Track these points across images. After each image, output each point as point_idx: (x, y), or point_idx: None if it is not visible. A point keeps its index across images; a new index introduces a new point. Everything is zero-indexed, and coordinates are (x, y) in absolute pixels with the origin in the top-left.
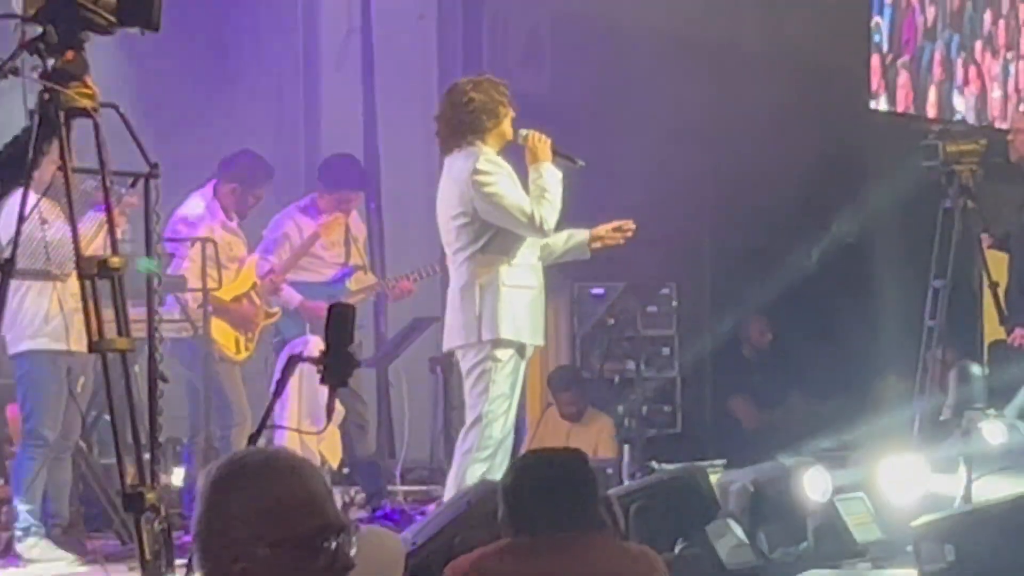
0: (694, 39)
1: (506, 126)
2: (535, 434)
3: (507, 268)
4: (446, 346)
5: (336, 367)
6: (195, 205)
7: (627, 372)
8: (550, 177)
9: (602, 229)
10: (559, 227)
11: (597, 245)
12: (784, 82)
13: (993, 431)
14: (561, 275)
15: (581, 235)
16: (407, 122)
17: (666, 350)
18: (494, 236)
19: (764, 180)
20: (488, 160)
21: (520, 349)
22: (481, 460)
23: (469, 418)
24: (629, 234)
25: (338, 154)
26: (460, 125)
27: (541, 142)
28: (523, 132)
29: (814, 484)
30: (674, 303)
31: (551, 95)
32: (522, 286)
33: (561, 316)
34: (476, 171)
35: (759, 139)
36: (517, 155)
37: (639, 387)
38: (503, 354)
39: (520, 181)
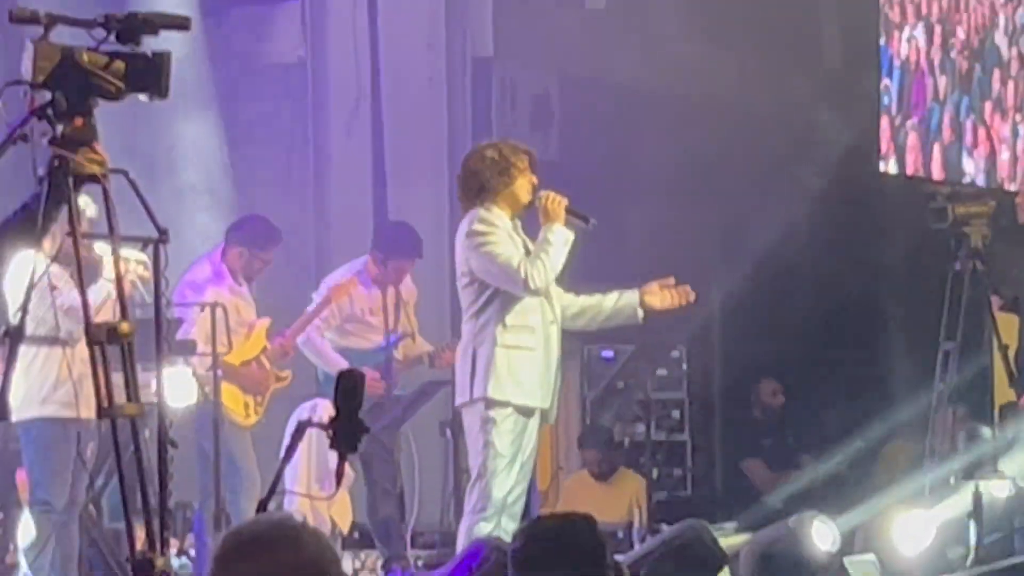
0: (702, 101)
1: (519, 189)
2: (560, 495)
3: (503, 329)
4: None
5: (346, 433)
6: (203, 270)
7: (637, 435)
8: (554, 237)
9: (654, 286)
10: (573, 288)
11: (656, 306)
12: (793, 144)
13: (1000, 488)
14: (571, 338)
15: (631, 296)
16: (417, 188)
17: (676, 413)
18: (492, 296)
19: (773, 243)
20: (483, 219)
21: (524, 411)
22: (486, 519)
23: (472, 476)
24: (691, 298)
25: (394, 222)
26: (470, 187)
27: (555, 203)
28: (541, 193)
29: (821, 536)
30: (684, 366)
31: (560, 159)
32: (518, 347)
33: (571, 379)
34: (470, 231)
35: (768, 201)
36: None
37: (649, 450)
38: (497, 413)
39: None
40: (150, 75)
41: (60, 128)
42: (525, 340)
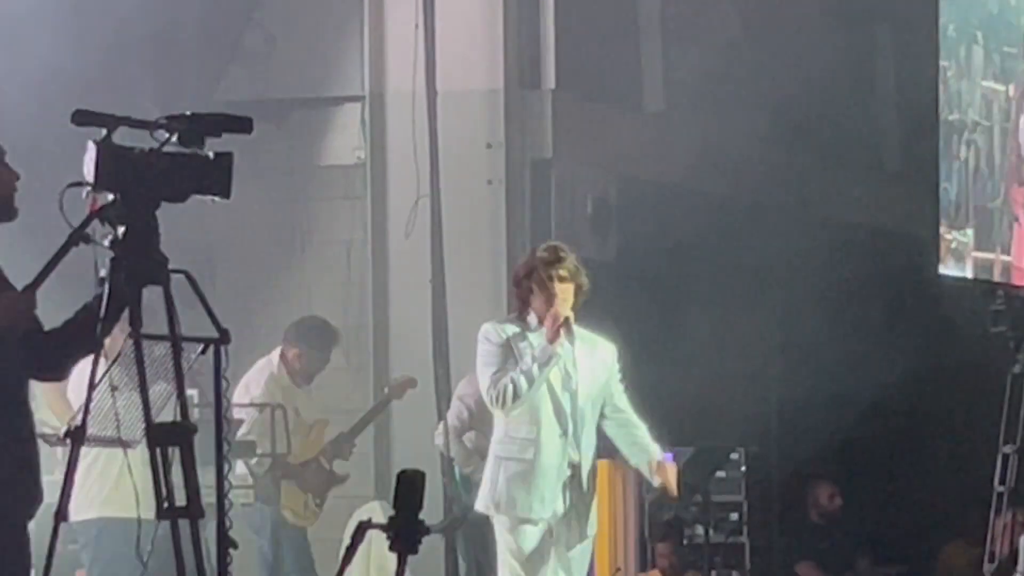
0: (761, 203)
1: (544, 298)
2: None
3: (500, 438)
4: None
5: (405, 534)
6: (262, 370)
7: (696, 538)
8: (539, 354)
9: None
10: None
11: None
12: (852, 246)
13: None
14: None
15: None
16: (476, 289)
17: (735, 515)
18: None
19: (831, 345)
20: (490, 327)
21: (523, 520)
22: None
23: None
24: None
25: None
26: (514, 297)
27: (555, 321)
28: (560, 311)
29: None
30: (743, 468)
31: (618, 260)
32: (508, 458)
33: (629, 481)
34: (479, 338)
35: (826, 303)
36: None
37: (708, 552)
38: (498, 522)
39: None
40: (212, 176)
41: (121, 229)
42: (515, 451)
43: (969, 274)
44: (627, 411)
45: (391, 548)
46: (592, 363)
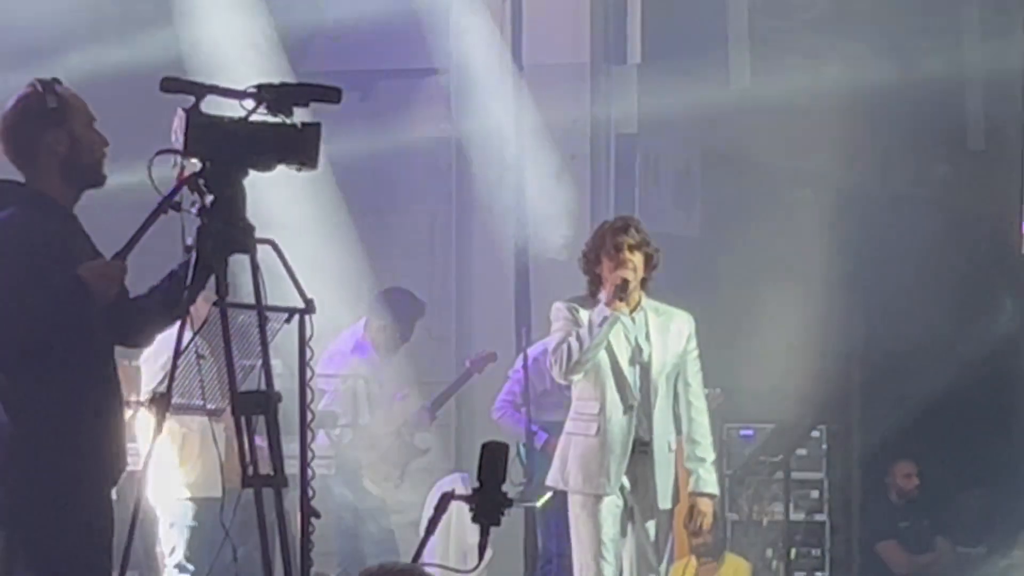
0: (844, 182)
1: (607, 273)
2: None
3: (571, 415)
4: None
5: (488, 506)
6: (346, 341)
7: (776, 515)
8: (592, 320)
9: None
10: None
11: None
12: (936, 225)
13: None
14: (711, 417)
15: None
16: (560, 265)
17: (815, 493)
18: (572, 384)
19: (913, 323)
20: (560, 304)
21: (589, 495)
22: None
23: None
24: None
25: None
26: (584, 278)
27: (614, 283)
28: (621, 273)
29: None
30: (824, 446)
31: (702, 235)
32: (575, 433)
33: None
34: (551, 316)
35: (908, 282)
36: None
37: (788, 530)
38: (573, 499)
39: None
40: (300, 146)
41: (209, 197)
42: (580, 427)
43: None
44: (695, 389)
45: (474, 520)
46: (666, 336)
